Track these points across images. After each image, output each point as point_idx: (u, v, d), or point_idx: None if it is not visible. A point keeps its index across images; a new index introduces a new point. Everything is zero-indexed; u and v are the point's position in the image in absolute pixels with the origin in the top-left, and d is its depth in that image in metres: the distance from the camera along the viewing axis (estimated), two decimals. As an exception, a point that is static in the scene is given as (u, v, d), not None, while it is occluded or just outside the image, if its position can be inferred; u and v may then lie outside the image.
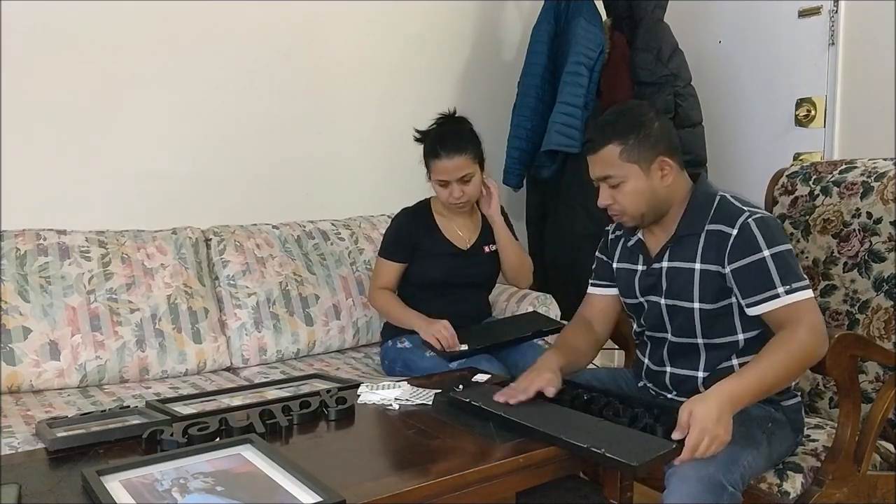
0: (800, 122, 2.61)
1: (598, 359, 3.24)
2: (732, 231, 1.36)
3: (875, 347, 1.47)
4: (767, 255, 1.32)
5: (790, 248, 1.35)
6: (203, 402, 1.63)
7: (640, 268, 1.52)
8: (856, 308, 1.69)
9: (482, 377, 1.65)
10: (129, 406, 1.54)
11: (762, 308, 1.32)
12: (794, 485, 1.38)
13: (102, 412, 1.47)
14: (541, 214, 2.83)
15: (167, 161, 2.33)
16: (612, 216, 1.49)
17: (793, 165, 1.98)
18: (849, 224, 1.72)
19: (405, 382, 1.60)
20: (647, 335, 1.54)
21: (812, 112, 2.56)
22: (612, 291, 1.62)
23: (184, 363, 2.03)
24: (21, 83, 2.07)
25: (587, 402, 1.37)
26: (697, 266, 1.41)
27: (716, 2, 2.87)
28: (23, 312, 1.87)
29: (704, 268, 1.40)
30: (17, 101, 2.07)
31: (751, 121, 2.79)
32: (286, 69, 2.53)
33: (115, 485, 1.05)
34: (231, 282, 2.20)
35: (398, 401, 1.48)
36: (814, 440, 1.51)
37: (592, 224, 2.57)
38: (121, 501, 0.99)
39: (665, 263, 1.46)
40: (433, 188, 2.03)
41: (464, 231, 2.11)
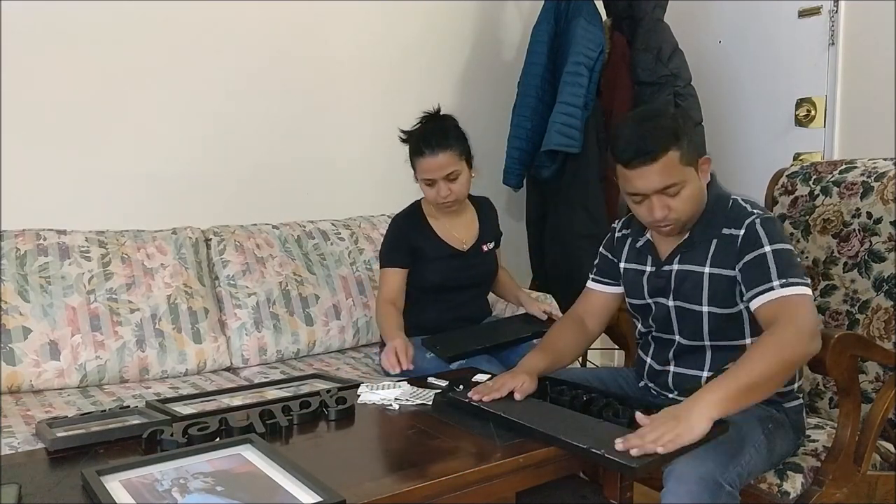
0: (800, 122, 2.61)
1: (599, 359, 3.27)
2: (740, 232, 1.37)
3: (875, 347, 1.47)
4: (769, 251, 1.32)
5: (792, 249, 1.35)
6: (203, 402, 1.63)
7: (649, 269, 1.51)
8: (856, 308, 1.69)
9: (482, 377, 1.65)
10: (129, 406, 1.54)
11: (757, 301, 1.31)
12: (794, 485, 1.38)
13: (102, 412, 1.47)
14: (541, 214, 2.83)
15: (167, 161, 2.33)
16: (659, 228, 1.40)
17: (793, 165, 1.98)
18: (849, 224, 1.72)
19: (405, 382, 1.61)
20: (654, 336, 1.54)
21: (812, 112, 2.56)
22: (612, 290, 1.62)
23: (184, 363, 2.03)
24: (21, 83, 2.07)
25: (587, 403, 1.37)
26: (707, 270, 1.40)
27: (716, 2, 2.87)
28: (23, 312, 1.87)
29: (714, 272, 1.40)
30: (18, 101, 2.07)
31: (751, 121, 2.78)
32: (286, 69, 2.53)
33: (115, 485, 1.05)
34: (231, 282, 2.20)
35: (398, 401, 1.48)
36: (814, 440, 1.51)
37: (592, 224, 2.57)
38: (121, 501, 0.99)
39: (675, 266, 1.45)
40: (420, 188, 2.01)
41: (460, 232, 2.09)
